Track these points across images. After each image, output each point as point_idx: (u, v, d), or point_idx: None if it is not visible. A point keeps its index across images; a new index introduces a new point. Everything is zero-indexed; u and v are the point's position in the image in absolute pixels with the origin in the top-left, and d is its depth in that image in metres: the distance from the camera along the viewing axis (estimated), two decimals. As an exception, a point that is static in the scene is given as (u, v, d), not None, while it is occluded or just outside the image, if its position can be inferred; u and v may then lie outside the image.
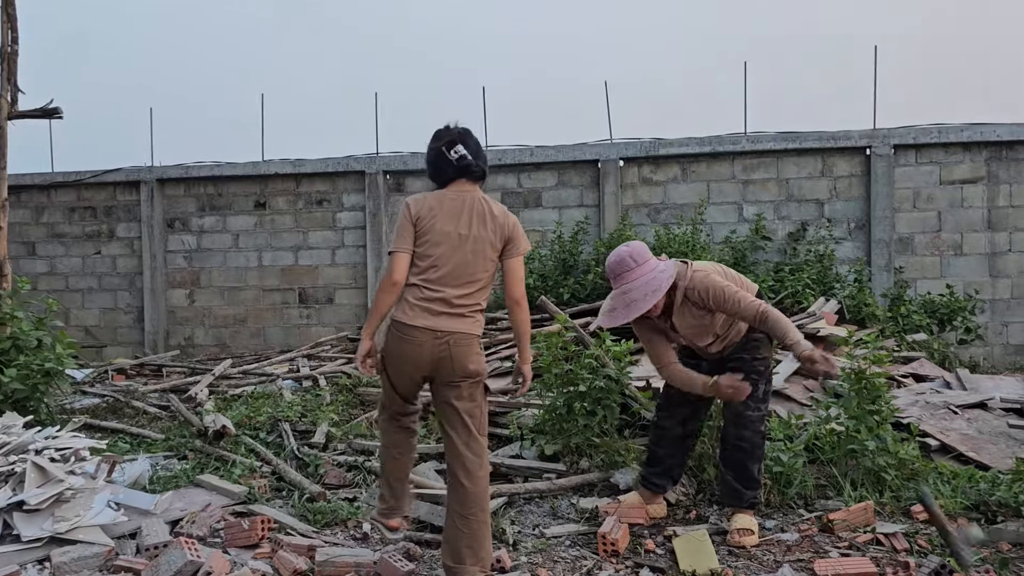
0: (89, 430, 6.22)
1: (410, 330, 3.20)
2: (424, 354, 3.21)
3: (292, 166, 11.16)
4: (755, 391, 3.86)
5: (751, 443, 3.94)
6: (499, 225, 3.27)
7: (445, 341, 3.19)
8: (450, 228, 3.23)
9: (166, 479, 4.71)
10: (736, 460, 3.97)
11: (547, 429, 5.18)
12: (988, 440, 5.07)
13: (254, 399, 6.81)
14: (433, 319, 3.19)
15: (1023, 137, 9.32)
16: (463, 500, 3.26)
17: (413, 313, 3.21)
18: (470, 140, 3.33)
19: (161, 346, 11.43)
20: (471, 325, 3.26)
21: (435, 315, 3.20)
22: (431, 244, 3.23)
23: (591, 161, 10.34)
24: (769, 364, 4.00)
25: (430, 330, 3.18)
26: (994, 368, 8.86)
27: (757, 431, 3.94)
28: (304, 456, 5.17)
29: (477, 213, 3.26)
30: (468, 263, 3.24)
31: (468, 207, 3.27)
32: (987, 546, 3.63)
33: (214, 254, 11.48)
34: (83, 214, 11.84)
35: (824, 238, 9.63)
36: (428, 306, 3.20)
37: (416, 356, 3.22)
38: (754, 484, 3.98)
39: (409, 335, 3.21)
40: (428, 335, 3.18)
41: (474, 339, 3.28)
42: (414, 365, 3.26)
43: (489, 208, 3.30)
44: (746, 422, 3.93)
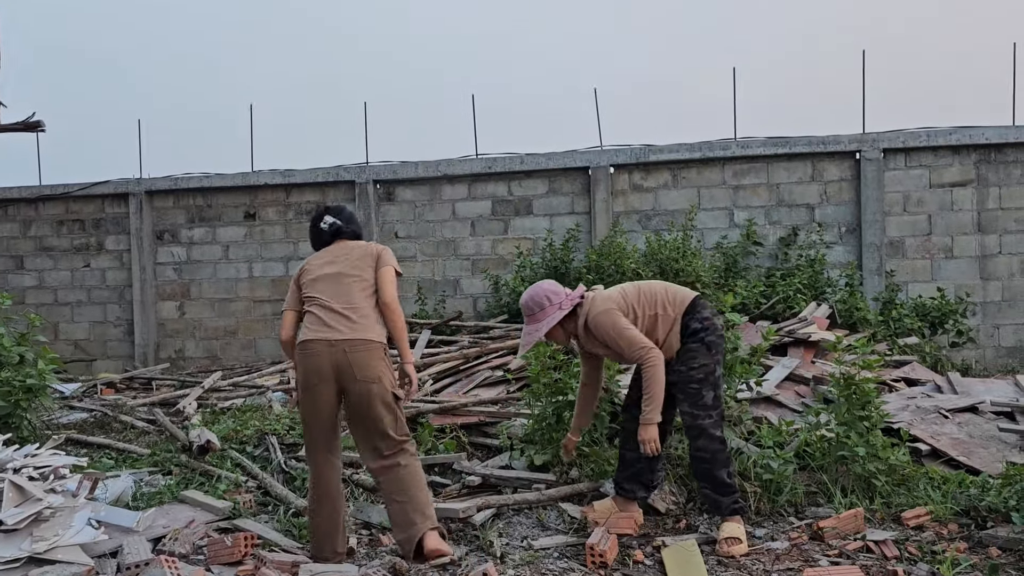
0: (75, 445, 6.17)
1: (308, 345, 3.56)
2: (323, 363, 3.52)
3: (282, 176, 11.12)
4: (700, 399, 3.97)
5: (709, 451, 3.97)
6: (365, 252, 3.76)
7: (341, 349, 3.52)
8: (324, 270, 3.72)
9: (150, 495, 4.66)
10: (702, 471, 4.03)
11: (536, 439, 5.14)
12: (979, 444, 5.04)
13: (242, 412, 6.75)
14: (327, 331, 3.56)
15: (1011, 140, 9.33)
16: (389, 475, 3.58)
17: (308, 331, 3.60)
18: (341, 211, 3.95)
19: (151, 359, 11.36)
20: (364, 331, 3.57)
21: (327, 327, 3.56)
22: (309, 280, 3.72)
23: (581, 168, 10.32)
24: (711, 370, 4.00)
25: (325, 340, 3.53)
26: (986, 371, 8.85)
27: (713, 438, 3.97)
28: (291, 470, 5.12)
29: (344, 254, 3.77)
30: (343, 286, 3.67)
31: (337, 252, 3.79)
32: None
33: (204, 266, 11.42)
34: (71, 227, 11.78)
35: (815, 242, 9.61)
36: (322, 318, 3.59)
37: (317, 366, 3.53)
38: (727, 490, 3.97)
39: (308, 349, 3.56)
40: (324, 345, 3.53)
41: (371, 344, 3.56)
42: (318, 376, 3.54)
43: (356, 247, 3.80)
44: (698, 432, 3.98)
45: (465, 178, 10.67)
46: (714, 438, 3.97)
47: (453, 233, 10.72)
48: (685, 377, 4.00)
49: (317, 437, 3.67)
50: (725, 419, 4.22)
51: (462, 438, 5.64)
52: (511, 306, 9.74)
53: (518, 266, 9.93)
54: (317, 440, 3.67)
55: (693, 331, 4.03)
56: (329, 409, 3.62)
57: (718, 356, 4.05)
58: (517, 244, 10.37)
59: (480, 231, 10.65)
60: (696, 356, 4.01)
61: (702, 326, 4.03)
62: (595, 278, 9.06)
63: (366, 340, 3.55)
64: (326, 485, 3.69)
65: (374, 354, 3.55)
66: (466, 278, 10.66)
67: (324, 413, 3.62)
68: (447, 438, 5.59)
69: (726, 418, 4.75)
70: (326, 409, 3.61)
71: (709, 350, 4.01)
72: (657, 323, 4.07)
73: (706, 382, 3.99)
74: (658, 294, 4.14)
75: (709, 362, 4.01)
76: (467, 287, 10.66)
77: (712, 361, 4.02)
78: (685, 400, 4.03)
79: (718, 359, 4.05)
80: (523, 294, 4.22)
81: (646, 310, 4.08)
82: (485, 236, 10.63)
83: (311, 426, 3.65)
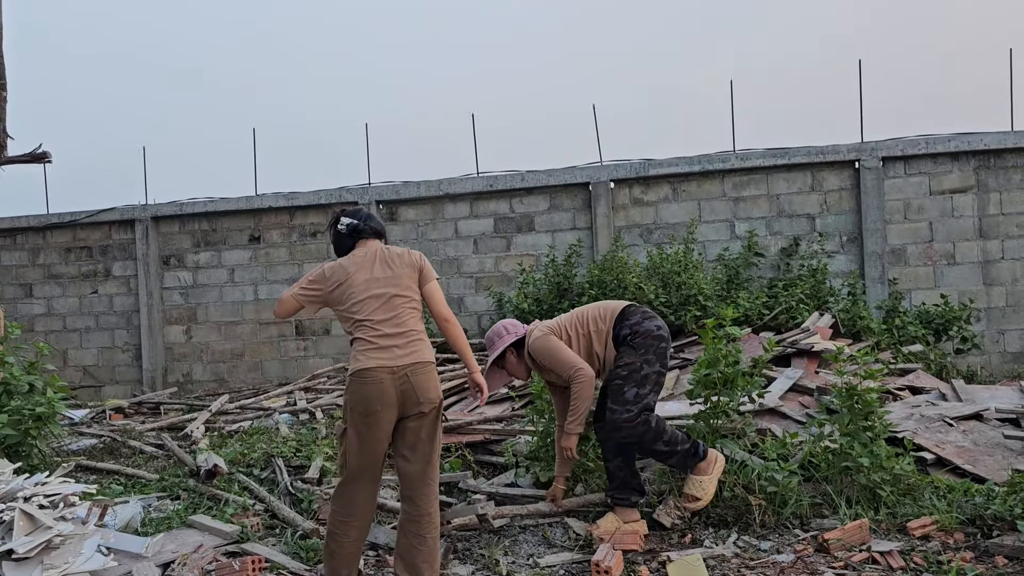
0: (84, 472, 6.21)
1: (369, 373, 3.43)
2: (388, 389, 3.42)
3: (285, 199, 11.21)
4: (621, 395, 4.18)
5: (635, 436, 4.18)
6: (408, 265, 3.64)
7: (404, 374, 3.43)
8: (372, 290, 3.55)
9: (158, 521, 4.69)
10: (643, 451, 4.32)
11: (541, 456, 5.16)
12: (984, 452, 5.04)
13: (249, 435, 6.79)
14: (386, 358, 3.45)
15: (1010, 145, 9.36)
16: (419, 521, 3.50)
17: (365, 358, 3.46)
18: (357, 212, 3.81)
19: (160, 383, 11.42)
20: (421, 354, 3.52)
21: (386, 350, 3.46)
22: (356, 301, 3.55)
23: (582, 184, 10.38)
24: (636, 368, 4.20)
25: (387, 368, 3.43)
26: (992, 377, 8.83)
27: (633, 427, 4.15)
28: (298, 492, 5.15)
29: (387, 268, 3.61)
30: (395, 309, 3.55)
31: (377, 265, 3.62)
32: None
33: (210, 289, 11.50)
34: (79, 254, 11.89)
35: (817, 252, 9.64)
36: (379, 344, 3.48)
37: (381, 392, 3.42)
38: (673, 450, 4.22)
39: (369, 377, 3.43)
40: (386, 373, 3.43)
41: (431, 366, 3.54)
42: (381, 402, 3.43)
43: (393, 251, 3.68)
44: (615, 426, 4.20)
45: (467, 196, 10.73)
46: (633, 426, 4.15)
47: (456, 251, 10.77)
48: (612, 376, 4.29)
49: (370, 463, 3.53)
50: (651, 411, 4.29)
51: (468, 456, 5.67)
52: (515, 323, 9.76)
53: (521, 283, 9.97)
54: (368, 466, 3.53)
55: (623, 337, 4.33)
56: (386, 436, 3.52)
57: (647, 355, 4.24)
58: (520, 261, 10.42)
59: (483, 249, 10.71)
60: (623, 356, 4.28)
61: (630, 331, 4.30)
62: (598, 293, 9.10)
63: (425, 362, 3.51)
64: (364, 509, 3.58)
65: (432, 375, 3.53)
66: (470, 296, 10.71)
67: (382, 440, 3.52)
68: (452, 457, 5.61)
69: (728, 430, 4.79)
70: (384, 436, 3.51)
71: (635, 350, 4.25)
72: (592, 340, 4.40)
73: (629, 379, 4.19)
74: (589, 313, 4.49)
75: (634, 360, 4.23)
76: (471, 305, 10.70)
77: (638, 360, 4.23)
78: (609, 397, 4.27)
79: (647, 358, 4.23)
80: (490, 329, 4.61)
81: (579, 330, 4.42)
82: (488, 253, 10.69)
83: (367, 452, 3.50)
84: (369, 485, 3.59)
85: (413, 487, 3.52)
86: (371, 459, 3.52)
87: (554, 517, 4.59)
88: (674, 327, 8.54)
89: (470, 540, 4.40)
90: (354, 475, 3.55)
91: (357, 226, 3.73)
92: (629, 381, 4.19)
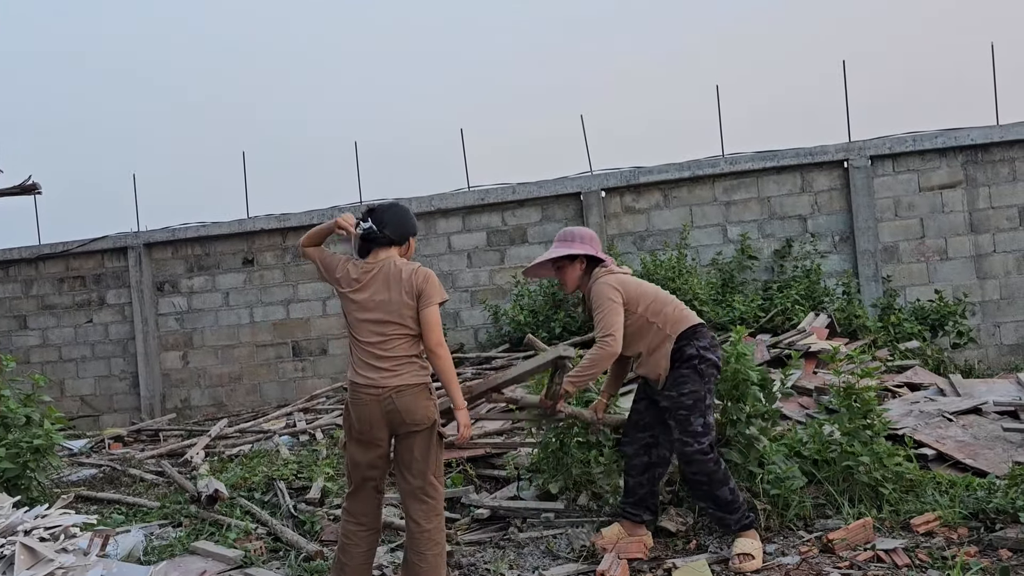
0: (85, 503, 6.18)
1: (357, 391, 3.52)
2: (373, 411, 3.48)
3: (278, 221, 11.21)
4: (689, 426, 3.97)
5: (704, 474, 3.97)
6: (407, 290, 3.53)
7: (388, 396, 3.46)
8: (364, 296, 3.56)
9: (161, 548, 4.67)
10: (701, 493, 4.06)
11: (544, 467, 5.15)
12: (984, 445, 5.05)
13: (249, 459, 6.76)
14: (372, 376, 3.49)
15: (996, 139, 9.41)
16: (418, 539, 3.50)
17: (354, 373, 3.56)
18: (376, 213, 3.65)
19: (158, 410, 11.38)
20: (410, 377, 3.50)
21: (375, 370, 3.50)
22: (353, 319, 3.60)
23: (573, 194, 10.41)
24: (700, 396, 3.99)
25: (373, 386, 3.47)
26: (990, 370, 8.85)
27: (704, 462, 3.95)
28: (300, 514, 5.13)
29: (385, 292, 3.54)
30: (386, 337, 3.53)
31: (378, 287, 3.56)
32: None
33: (205, 314, 11.48)
34: (72, 284, 11.86)
35: (810, 253, 9.67)
36: (366, 362, 3.53)
37: (367, 415, 3.49)
38: (732, 507, 3.98)
39: (356, 398, 3.53)
40: (372, 391, 3.48)
41: (417, 388, 3.50)
42: (369, 423, 3.50)
43: (399, 271, 3.56)
44: (687, 459, 4.00)
45: (459, 211, 10.76)
46: (705, 461, 3.95)
47: (450, 266, 10.78)
48: (676, 403, 4.02)
49: (368, 475, 3.60)
50: (718, 441, 4.20)
51: (469, 471, 5.65)
52: (512, 335, 9.77)
53: (516, 295, 9.98)
54: (367, 478, 3.61)
55: (688, 357, 4.02)
56: (381, 450, 3.58)
57: (709, 384, 4.06)
58: (514, 273, 10.43)
59: (477, 262, 10.72)
60: (687, 382, 4.00)
61: (697, 354, 4.02)
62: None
63: (411, 385, 3.49)
64: (369, 520, 3.63)
65: (418, 397, 3.50)
66: (465, 310, 10.71)
67: (378, 454, 3.57)
68: (454, 472, 5.60)
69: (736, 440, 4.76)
70: (378, 450, 3.57)
71: (701, 377, 4.00)
72: (647, 332, 4.10)
73: (695, 409, 3.98)
74: (665, 308, 4.13)
75: (699, 389, 4.00)
76: (467, 319, 10.70)
77: (703, 388, 4.01)
78: (676, 427, 4.03)
79: (709, 387, 4.06)
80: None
81: (644, 313, 4.10)
82: (482, 267, 10.70)
83: (363, 465, 3.58)
84: (372, 496, 3.64)
85: (410, 505, 3.54)
86: (368, 472, 3.59)
87: (559, 528, 4.58)
88: (671, 333, 8.53)
89: (475, 555, 4.39)
90: (356, 486, 3.63)
91: (370, 233, 3.62)
92: (695, 411, 3.97)
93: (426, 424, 3.50)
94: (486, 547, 4.51)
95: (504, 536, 4.66)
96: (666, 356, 4.05)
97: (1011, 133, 9.40)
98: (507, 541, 4.56)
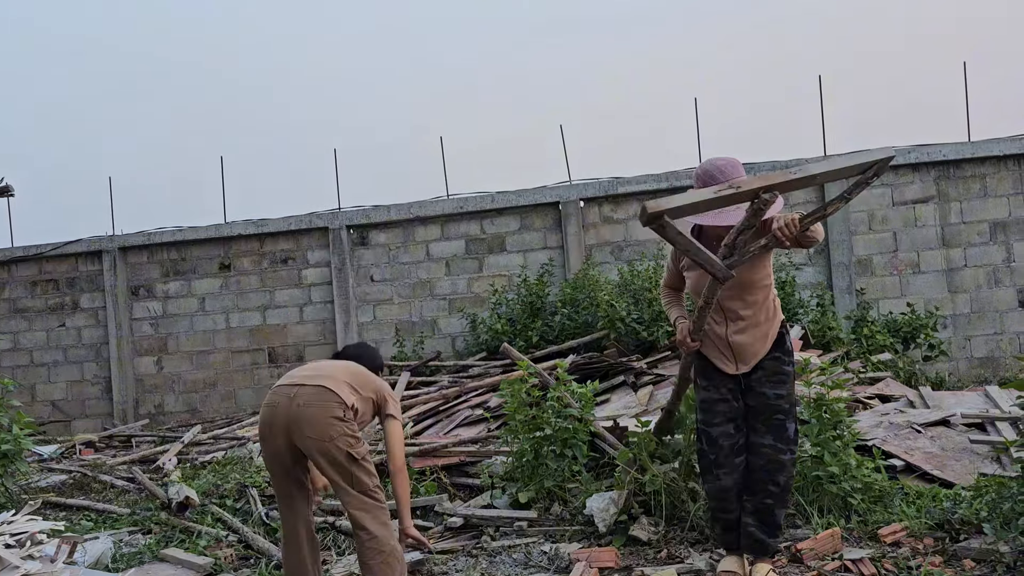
0: (53, 509, 6.10)
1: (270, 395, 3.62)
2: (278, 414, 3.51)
3: (255, 226, 11.16)
4: (784, 432, 3.60)
5: (783, 488, 3.63)
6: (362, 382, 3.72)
7: (296, 400, 3.49)
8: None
9: (129, 556, 4.62)
10: (764, 507, 3.63)
11: (517, 476, 5.17)
12: (952, 457, 5.12)
13: (222, 465, 6.71)
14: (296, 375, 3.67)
15: (968, 155, 9.58)
16: (362, 549, 3.52)
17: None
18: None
19: (131, 416, 11.26)
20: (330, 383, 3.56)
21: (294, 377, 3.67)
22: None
23: (552, 203, 10.46)
24: (794, 401, 3.70)
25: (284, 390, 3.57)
26: (960, 382, 8.97)
27: (790, 475, 3.67)
28: (272, 522, 5.10)
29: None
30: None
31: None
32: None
33: (180, 319, 11.39)
34: (45, 287, 11.72)
35: (785, 264, 9.75)
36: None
37: (271, 416, 3.53)
38: (778, 532, 3.72)
39: (267, 400, 3.61)
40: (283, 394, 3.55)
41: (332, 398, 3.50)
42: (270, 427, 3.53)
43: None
44: (780, 467, 3.60)
45: (438, 219, 10.76)
46: (791, 476, 3.67)
47: (428, 274, 10.78)
48: (774, 405, 3.59)
49: (280, 490, 3.70)
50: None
51: (443, 479, 5.65)
52: (489, 343, 9.78)
53: (494, 303, 10.00)
54: (281, 494, 3.70)
55: (788, 350, 3.66)
56: (285, 461, 3.61)
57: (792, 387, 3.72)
58: (492, 282, 10.44)
59: (455, 270, 10.73)
60: (785, 382, 3.60)
61: (791, 348, 3.69)
62: (570, 311, 9.16)
63: (329, 390, 3.59)
64: (290, 533, 3.68)
65: (327, 410, 3.52)
66: (443, 318, 10.71)
67: (282, 465, 3.63)
68: (428, 480, 5.59)
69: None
70: (281, 461, 3.62)
71: (792, 380, 3.70)
72: (769, 293, 3.67)
73: (790, 414, 3.62)
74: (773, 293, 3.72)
75: (792, 391, 3.68)
76: (444, 327, 10.70)
77: (795, 391, 3.75)
78: (769, 432, 3.60)
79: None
80: (716, 161, 3.61)
81: (769, 271, 3.69)
82: (460, 275, 10.71)
83: (271, 475, 3.72)
84: (287, 510, 3.65)
85: (348, 515, 3.56)
86: (277, 483, 3.64)
87: (532, 537, 4.58)
88: (646, 343, 8.60)
89: (447, 563, 4.39)
90: (276, 497, 3.73)
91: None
92: (790, 416, 3.61)
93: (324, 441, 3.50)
94: (458, 555, 4.51)
95: (477, 544, 4.66)
96: (772, 336, 3.62)
97: (982, 149, 9.57)
98: (480, 550, 4.56)
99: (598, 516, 4.54)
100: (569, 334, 9.16)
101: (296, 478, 3.63)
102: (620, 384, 7.53)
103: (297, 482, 3.65)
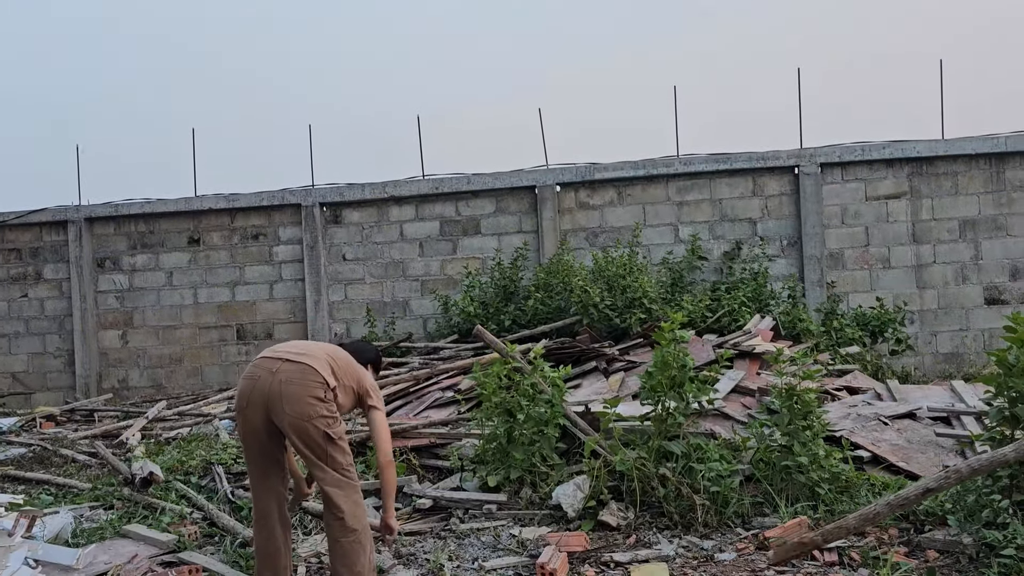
0: (12, 482, 5.98)
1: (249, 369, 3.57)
2: (258, 387, 3.45)
3: (226, 201, 10.97)
4: None
5: None
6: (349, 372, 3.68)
7: (278, 379, 3.43)
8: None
9: (91, 531, 4.54)
10: None
11: (488, 459, 5.14)
12: (917, 450, 5.19)
13: (188, 442, 6.62)
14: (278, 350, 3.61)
15: (941, 153, 9.67)
16: (331, 525, 3.48)
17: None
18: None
19: (94, 390, 11.05)
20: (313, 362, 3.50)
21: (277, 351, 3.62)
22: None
23: (528, 187, 10.40)
24: None
25: (266, 364, 3.51)
26: (925, 377, 9.11)
27: None
28: (238, 500, 5.03)
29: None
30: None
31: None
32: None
33: (147, 293, 11.18)
34: (7, 256, 11.44)
35: (758, 256, 9.81)
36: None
37: (249, 390, 3.47)
38: None
39: (247, 372, 3.55)
40: (265, 368, 3.50)
41: (314, 375, 3.45)
42: (247, 400, 3.47)
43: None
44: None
45: (412, 199, 10.66)
46: None
47: (401, 254, 10.68)
48: None
49: (253, 467, 3.67)
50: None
51: (412, 461, 5.61)
52: (461, 326, 9.73)
53: (467, 286, 9.94)
54: (253, 472, 3.67)
55: None
56: (262, 437, 3.57)
57: None
58: (466, 264, 10.38)
59: (429, 252, 10.64)
60: None
61: None
62: (544, 296, 9.14)
63: (312, 369, 3.53)
64: (262, 512, 3.64)
65: (308, 388, 3.48)
66: (415, 299, 10.63)
67: (259, 440, 3.58)
68: (397, 461, 5.55)
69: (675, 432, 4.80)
70: (258, 437, 3.57)
71: None
72: None
73: None
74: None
75: None
76: (417, 308, 10.62)
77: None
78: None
79: None
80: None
81: None
82: (434, 257, 10.62)
83: (245, 450, 3.69)
84: (261, 488, 3.59)
85: (321, 491, 3.51)
86: (251, 459, 3.59)
87: (501, 520, 4.57)
88: (619, 330, 8.61)
89: (415, 545, 4.36)
90: (249, 474, 3.69)
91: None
92: None
93: (303, 419, 3.46)
94: (427, 537, 4.48)
95: (445, 527, 4.64)
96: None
97: (955, 148, 9.67)
98: (448, 532, 4.54)
99: (566, 503, 4.54)
100: (542, 319, 9.15)
101: (272, 454, 3.57)
102: (592, 370, 7.52)
103: (272, 459, 3.58)
